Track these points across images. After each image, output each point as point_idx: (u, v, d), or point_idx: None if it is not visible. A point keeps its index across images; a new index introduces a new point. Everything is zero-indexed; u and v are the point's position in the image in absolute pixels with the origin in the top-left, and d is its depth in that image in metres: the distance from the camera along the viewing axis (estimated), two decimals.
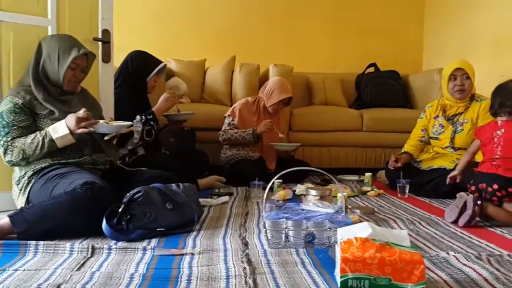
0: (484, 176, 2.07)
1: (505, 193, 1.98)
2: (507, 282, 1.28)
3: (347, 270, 1.21)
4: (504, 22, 3.17)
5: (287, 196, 2.54)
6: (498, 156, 2.04)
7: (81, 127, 1.87)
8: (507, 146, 2.02)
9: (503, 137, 2.03)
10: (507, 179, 1.99)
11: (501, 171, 2.02)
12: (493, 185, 1.98)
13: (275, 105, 3.13)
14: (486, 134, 2.12)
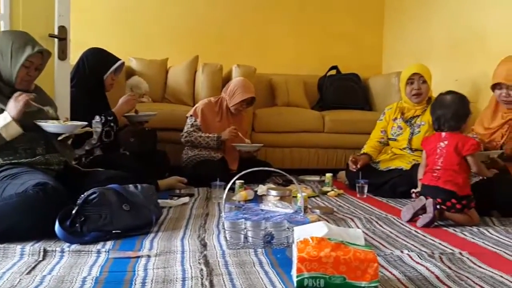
0: (427, 189, 2.08)
1: (450, 204, 2.00)
2: (457, 280, 1.33)
3: (303, 270, 1.22)
4: (459, 27, 3.29)
5: (248, 196, 2.53)
6: (439, 167, 2.05)
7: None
8: (448, 158, 2.03)
9: (445, 149, 2.05)
10: (447, 192, 2.01)
11: (441, 183, 2.03)
12: (437, 199, 2.00)
13: (237, 105, 3.12)
14: (431, 145, 2.13)
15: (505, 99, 2.37)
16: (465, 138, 2.05)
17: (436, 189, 2.04)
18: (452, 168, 2.02)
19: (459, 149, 2.01)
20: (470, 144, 2.00)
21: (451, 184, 2.01)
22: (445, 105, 2.08)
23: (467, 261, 1.51)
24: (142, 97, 3.57)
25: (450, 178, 2.02)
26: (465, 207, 2.01)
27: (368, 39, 4.62)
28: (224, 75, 3.70)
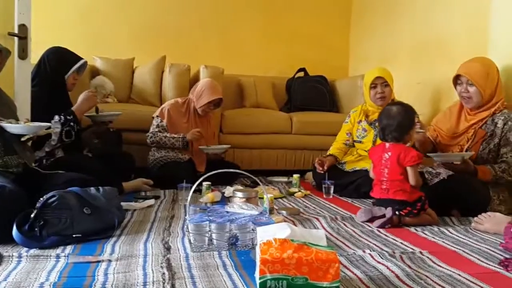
0: (380, 202, 2.13)
1: (407, 212, 2.04)
2: (417, 279, 1.36)
3: (266, 271, 1.22)
4: (421, 32, 3.38)
5: (215, 198, 2.52)
6: (385, 178, 2.09)
7: None
8: (392, 169, 2.07)
9: (389, 160, 2.09)
10: (399, 202, 2.05)
11: (391, 194, 2.07)
12: (392, 209, 2.04)
13: (205, 107, 3.10)
14: (376, 155, 2.17)
15: (464, 95, 2.40)
16: (406, 150, 2.09)
17: (388, 201, 2.08)
18: (397, 178, 2.06)
19: (400, 160, 2.06)
20: (411, 156, 2.04)
21: (401, 194, 2.06)
22: (390, 116, 2.12)
23: (427, 260, 1.55)
24: (107, 97, 3.51)
25: (398, 188, 2.06)
26: (421, 209, 2.06)
27: (336, 42, 4.69)
28: (191, 75, 3.67)
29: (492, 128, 2.36)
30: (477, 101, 2.38)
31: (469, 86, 2.38)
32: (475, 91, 2.36)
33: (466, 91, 2.40)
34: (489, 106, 2.39)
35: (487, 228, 1.93)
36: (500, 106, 2.37)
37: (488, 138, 2.36)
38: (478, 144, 2.36)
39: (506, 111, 2.37)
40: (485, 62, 2.41)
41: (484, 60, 2.42)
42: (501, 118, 2.35)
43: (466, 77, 2.37)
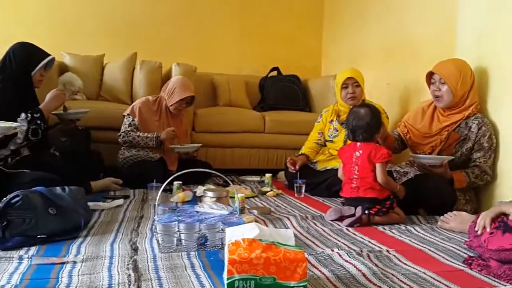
0: (350, 201, 2.16)
1: (376, 210, 2.08)
2: (383, 277, 1.38)
3: (234, 272, 1.22)
4: (391, 34, 3.44)
5: (186, 198, 2.49)
6: (356, 176, 2.13)
7: None
8: (363, 167, 2.11)
9: (360, 158, 2.13)
10: (369, 200, 2.09)
11: (361, 193, 2.11)
12: (362, 208, 2.07)
13: (176, 104, 3.07)
14: (346, 154, 2.20)
15: (436, 93, 2.43)
16: (377, 147, 2.15)
17: (358, 200, 2.11)
18: (368, 176, 2.10)
19: (371, 158, 2.11)
20: (381, 153, 2.10)
21: (371, 191, 2.10)
22: (358, 118, 2.17)
23: (394, 258, 1.57)
24: (75, 94, 3.42)
25: (368, 186, 2.10)
26: (390, 208, 2.10)
27: (308, 42, 4.72)
28: (163, 73, 3.63)
29: (466, 132, 2.39)
30: (448, 100, 2.40)
31: (441, 85, 2.40)
32: (446, 90, 2.38)
33: (438, 90, 2.41)
34: (463, 109, 2.41)
35: (453, 227, 1.98)
36: (474, 110, 2.39)
37: (461, 142, 2.39)
38: (452, 147, 2.40)
39: (479, 115, 2.39)
40: (459, 63, 2.43)
41: (459, 62, 2.45)
42: (475, 122, 2.37)
43: (438, 75, 2.40)
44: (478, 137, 2.35)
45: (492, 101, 2.44)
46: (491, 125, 2.38)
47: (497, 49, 2.39)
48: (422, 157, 2.32)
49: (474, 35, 2.55)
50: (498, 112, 2.40)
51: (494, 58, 2.41)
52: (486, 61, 2.46)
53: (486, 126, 2.36)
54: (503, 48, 2.34)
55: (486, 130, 2.35)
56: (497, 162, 2.37)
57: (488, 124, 2.37)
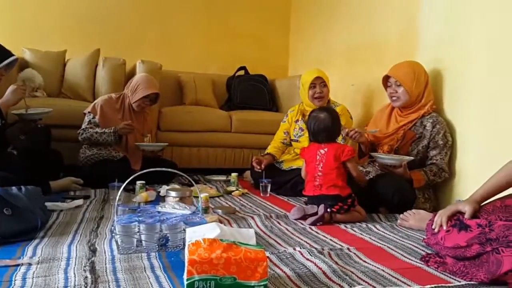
0: (312, 199, 2.19)
1: (338, 207, 2.11)
2: (342, 275, 1.39)
3: (194, 272, 1.20)
4: (355, 36, 3.50)
5: (149, 198, 2.45)
6: (320, 173, 2.18)
7: None
8: (327, 163, 2.17)
9: (325, 155, 2.18)
10: (331, 197, 2.13)
11: (324, 190, 2.15)
12: (325, 206, 2.10)
13: (140, 102, 3.00)
14: (310, 153, 2.25)
15: (393, 95, 2.52)
16: (341, 146, 2.23)
17: (320, 198, 2.15)
18: (331, 172, 2.15)
19: (338, 155, 2.16)
20: (347, 151, 2.17)
21: (333, 188, 2.15)
22: (319, 122, 2.24)
23: (354, 256, 1.60)
24: (35, 91, 3.30)
25: (331, 182, 2.15)
26: (351, 206, 2.14)
27: (276, 42, 4.74)
28: (127, 70, 3.56)
29: (421, 130, 2.47)
30: (404, 100, 2.49)
31: (397, 87, 2.50)
32: (403, 91, 2.48)
33: (395, 92, 2.51)
34: (418, 108, 2.50)
35: (412, 224, 2.03)
36: (429, 109, 2.48)
37: (417, 140, 2.47)
38: (408, 145, 2.47)
39: (434, 114, 2.48)
40: (413, 64, 2.53)
41: (412, 63, 2.55)
42: (429, 120, 2.46)
43: (394, 78, 2.49)
44: (432, 135, 2.43)
45: (449, 101, 2.53)
46: (445, 123, 2.46)
47: (454, 53, 2.48)
48: (382, 156, 2.37)
49: (434, 39, 2.64)
50: (455, 112, 2.49)
51: (452, 61, 2.50)
52: (444, 63, 2.55)
53: (440, 124, 2.43)
54: (460, 52, 2.43)
55: (440, 128, 2.42)
56: (455, 160, 2.45)
57: (443, 122, 2.45)
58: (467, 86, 2.38)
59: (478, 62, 2.30)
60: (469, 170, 2.36)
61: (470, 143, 2.36)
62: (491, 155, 2.17)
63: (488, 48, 2.24)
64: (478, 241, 1.42)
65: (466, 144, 2.39)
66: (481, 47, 2.28)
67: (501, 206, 1.56)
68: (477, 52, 2.31)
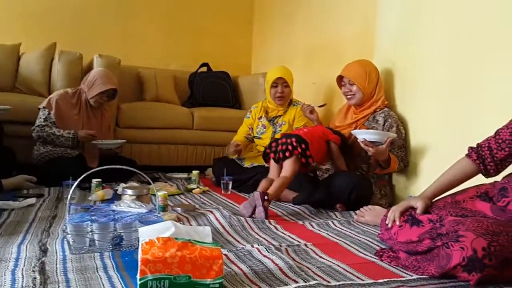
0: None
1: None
2: (298, 271, 1.40)
3: (147, 272, 1.18)
4: (316, 35, 3.54)
5: (106, 196, 2.40)
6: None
7: None
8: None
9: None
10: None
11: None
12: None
13: (97, 97, 2.92)
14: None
15: (347, 94, 2.59)
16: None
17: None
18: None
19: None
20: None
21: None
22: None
23: (311, 252, 1.61)
24: None
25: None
26: (302, 154, 2.30)
27: (239, 39, 4.73)
28: (84, 65, 3.46)
29: (373, 125, 2.55)
30: (359, 97, 2.57)
31: (351, 86, 2.58)
32: (356, 89, 2.55)
33: (349, 91, 2.59)
34: (371, 104, 2.58)
35: (368, 220, 2.07)
36: (381, 105, 2.56)
37: None
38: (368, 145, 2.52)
39: (386, 109, 2.56)
40: (363, 63, 2.61)
41: (363, 62, 2.62)
42: (381, 115, 2.54)
43: (347, 78, 2.56)
44: (385, 129, 2.49)
45: (402, 99, 2.61)
46: (397, 118, 2.54)
47: (408, 53, 2.56)
48: (364, 132, 2.32)
49: (390, 39, 2.71)
50: (407, 109, 2.57)
51: (406, 61, 2.58)
52: (399, 63, 2.63)
53: (392, 118, 2.51)
54: (413, 53, 2.51)
55: (392, 122, 2.50)
56: (409, 157, 2.52)
57: (394, 116, 2.53)
58: (420, 85, 2.46)
59: (430, 62, 2.39)
60: (422, 166, 2.43)
61: (422, 140, 2.44)
62: (443, 152, 2.25)
63: (440, 49, 2.31)
64: (429, 236, 1.46)
65: (419, 141, 2.47)
66: (434, 48, 2.36)
67: (451, 202, 1.62)
68: (429, 53, 2.39)
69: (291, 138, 2.33)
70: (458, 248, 1.31)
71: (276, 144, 2.37)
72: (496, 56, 1.98)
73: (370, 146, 2.24)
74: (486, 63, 2.03)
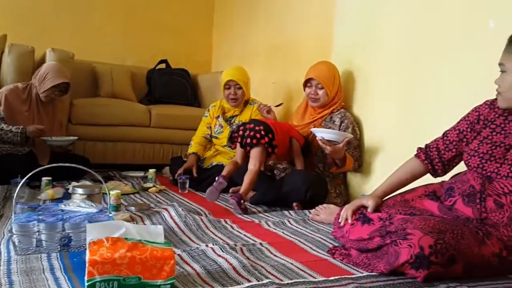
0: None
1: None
2: (252, 269, 1.40)
3: (95, 273, 1.15)
4: (276, 35, 3.57)
5: (56, 195, 2.31)
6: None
7: None
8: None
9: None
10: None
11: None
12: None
13: (48, 92, 2.81)
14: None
15: (313, 97, 2.61)
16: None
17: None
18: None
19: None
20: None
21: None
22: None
23: (265, 250, 1.62)
24: None
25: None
26: (267, 143, 2.37)
27: (199, 36, 4.68)
28: (36, 59, 3.31)
29: (330, 125, 2.59)
30: (323, 101, 2.60)
31: (318, 90, 2.59)
32: (323, 93, 2.58)
33: (315, 94, 2.60)
34: (330, 105, 2.63)
35: (323, 218, 2.11)
36: (338, 106, 2.62)
37: None
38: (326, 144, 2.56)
39: (343, 110, 2.62)
40: (330, 66, 2.65)
41: (331, 66, 2.65)
42: (338, 116, 2.59)
43: (317, 80, 2.57)
44: (342, 130, 2.54)
45: (359, 100, 2.68)
46: (353, 119, 2.60)
47: (365, 55, 2.62)
48: (322, 130, 2.36)
49: (348, 42, 2.76)
50: (363, 109, 2.64)
51: (363, 62, 2.64)
52: (356, 65, 2.69)
53: (348, 119, 2.57)
54: (370, 54, 2.58)
55: (348, 123, 2.55)
56: (364, 157, 2.58)
57: (350, 117, 2.59)
58: (375, 86, 2.53)
59: (385, 63, 2.46)
60: (376, 165, 2.50)
61: (376, 140, 2.51)
62: (396, 151, 2.31)
63: (397, 53, 2.38)
64: (379, 234, 1.50)
65: (373, 141, 2.54)
66: (389, 50, 2.43)
67: (401, 201, 1.67)
68: (385, 54, 2.46)
69: (260, 126, 2.36)
70: (406, 246, 1.35)
71: (244, 129, 2.39)
72: (447, 58, 2.07)
73: (327, 145, 2.28)
74: (438, 66, 2.12)
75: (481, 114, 1.63)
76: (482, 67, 1.79)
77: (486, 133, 1.59)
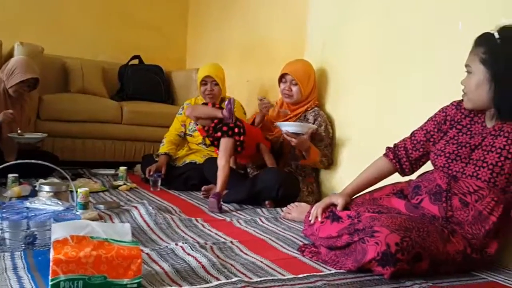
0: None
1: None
2: (221, 268, 1.40)
3: (59, 272, 1.12)
4: (250, 33, 3.56)
5: (23, 192, 2.23)
6: None
7: None
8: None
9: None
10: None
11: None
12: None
13: (16, 87, 2.73)
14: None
15: (286, 93, 2.62)
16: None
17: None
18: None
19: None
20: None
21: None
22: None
23: (236, 249, 1.62)
24: None
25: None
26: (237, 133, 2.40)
27: (173, 33, 4.62)
28: (4, 53, 3.22)
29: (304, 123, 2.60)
30: (297, 98, 2.61)
31: (292, 86, 2.60)
32: (297, 89, 2.59)
33: (289, 90, 2.61)
34: (304, 103, 2.64)
35: (294, 217, 2.12)
36: (312, 104, 2.64)
37: None
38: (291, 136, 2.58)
39: (316, 108, 2.63)
40: (306, 64, 2.67)
41: (307, 64, 2.67)
42: (312, 114, 2.61)
43: (291, 76, 2.58)
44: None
45: (331, 98, 2.70)
46: (326, 117, 2.62)
47: (337, 54, 2.65)
48: (286, 124, 2.41)
49: (320, 40, 2.78)
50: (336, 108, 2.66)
51: (335, 61, 2.67)
52: (329, 63, 2.72)
53: (322, 117, 2.59)
54: (342, 54, 2.61)
55: (322, 121, 2.57)
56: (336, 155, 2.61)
57: (323, 115, 2.61)
58: (348, 85, 2.56)
59: (357, 62, 2.49)
60: (348, 164, 2.53)
61: (349, 139, 2.54)
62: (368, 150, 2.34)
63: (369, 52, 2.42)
64: (347, 232, 1.51)
65: (345, 140, 2.57)
66: (361, 48, 2.46)
67: (369, 199, 1.70)
68: (358, 53, 2.49)
69: (240, 123, 2.41)
70: (373, 243, 1.37)
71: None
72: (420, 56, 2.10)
73: (293, 137, 2.33)
74: (410, 64, 2.15)
75: (448, 114, 1.68)
76: (454, 67, 1.82)
77: (452, 134, 1.63)
